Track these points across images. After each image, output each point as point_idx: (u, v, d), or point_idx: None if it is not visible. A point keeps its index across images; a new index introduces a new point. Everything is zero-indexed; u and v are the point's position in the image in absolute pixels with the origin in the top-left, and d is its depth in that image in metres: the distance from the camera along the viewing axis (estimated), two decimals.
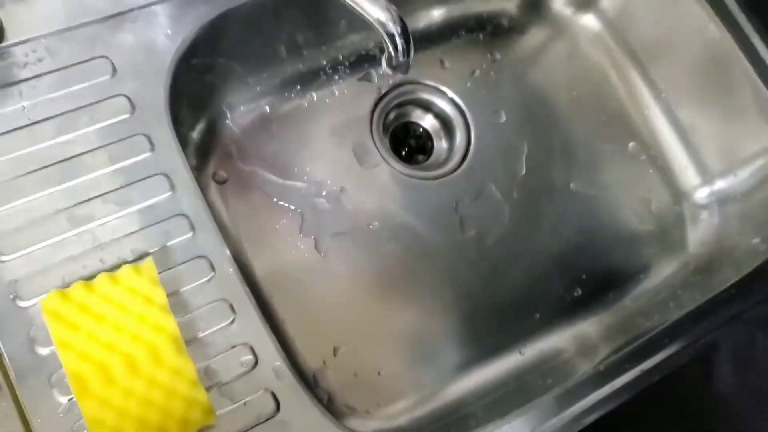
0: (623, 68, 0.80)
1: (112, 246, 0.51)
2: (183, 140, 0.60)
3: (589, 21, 0.81)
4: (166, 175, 0.54)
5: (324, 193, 0.70)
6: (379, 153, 0.73)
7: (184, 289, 0.51)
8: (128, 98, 0.55)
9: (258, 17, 0.63)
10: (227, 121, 0.69)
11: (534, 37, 0.81)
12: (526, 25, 0.81)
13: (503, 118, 0.78)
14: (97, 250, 0.51)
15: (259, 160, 0.70)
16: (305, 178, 0.70)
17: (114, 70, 0.56)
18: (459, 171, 0.75)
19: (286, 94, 0.72)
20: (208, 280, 0.52)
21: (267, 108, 0.71)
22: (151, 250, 0.52)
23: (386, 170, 0.73)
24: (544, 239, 0.74)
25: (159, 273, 0.51)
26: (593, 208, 0.76)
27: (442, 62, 0.78)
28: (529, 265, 0.73)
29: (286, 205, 0.69)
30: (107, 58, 0.56)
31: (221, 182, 0.67)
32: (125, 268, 0.49)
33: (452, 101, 0.77)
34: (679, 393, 0.70)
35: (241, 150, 0.69)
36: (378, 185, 0.72)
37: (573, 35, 0.81)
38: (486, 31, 0.80)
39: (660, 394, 0.66)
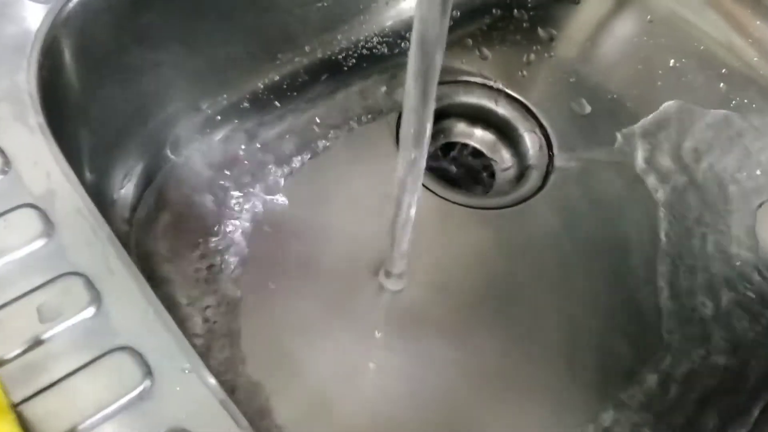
0: (732, 14, 0.56)
1: None
2: (96, 191, 0.35)
3: None
4: (35, 207, 0.27)
5: (348, 259, 0.43)
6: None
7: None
8: None
9: None
10: (175, 166, 0.43)
11: (597, 5, 0.58)
12: None
13: (587, 109, 0.52)
14: None
15: (237, 219, 0.43)
16: (323, 244, 0.43)
17: None
18: (547, 187, 0.48)
19: (262, 118, 0.47)
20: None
21: (233, 142, 0.45)
22: (8, 356, 0.24)
23: (440, 207, 0.46)
24: (706, 257, 0.46)
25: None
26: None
27: (479, 51, 0.54)
28: (696, 298, 0.45)
29: (296, 284, 0.41)
30: None
31: (173, 257, 0.40)
32: None
33: (510, 98, 0.52)
34: None
35: (205, 209, 0.43)
36: (435, 229, 0.45)
37: None
38: (527, 5, 0.56)
39: None
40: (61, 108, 0.33)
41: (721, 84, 0.54)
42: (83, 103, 0.36)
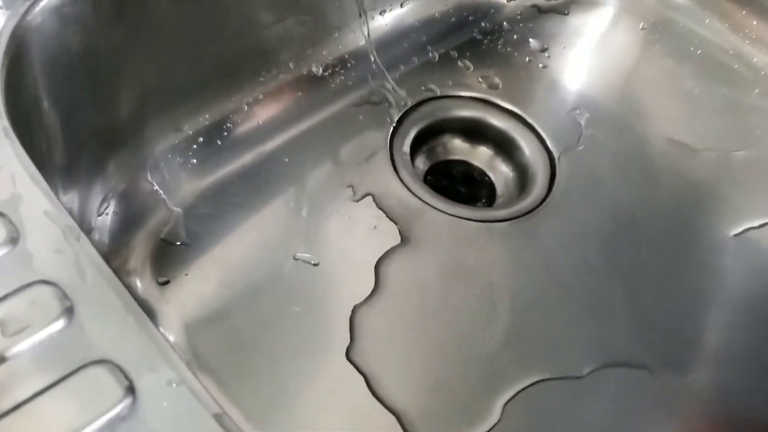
0: (728, 15, 0.55)
1: None
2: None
3: None
4: None
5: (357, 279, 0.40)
6: (422, 200, 0.44)
7: None
8: None
9: None
10: (155, 190, 0.40)
11: (588, 15, 0.56)
12: (571, 4, 0.57)
13: (585, 117, 0.50)
14: None
15: (221, 245, 0.40)
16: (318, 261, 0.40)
17: None
18: (551, 197, 0.46)
19: (245, 138, 0.44)
20: None
21: (216, 166, 0.43)
22: None
23: (452, 224, 0.43)
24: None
25: None
26: None
27: (470, 65, 0.52)
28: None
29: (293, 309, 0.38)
30: None
31: (161, 284, 0.37)
32: None
33: (506, 110, 0.50)
34: None
35: (189, 231, 0.40)
36: (443, 248, 0.42)
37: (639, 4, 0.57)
38: (516, 18, 0.55)
39: None
40: (30, 118, 0.30)
41: (722, 87, 0.53)
42: (54, 115, 0.33)
